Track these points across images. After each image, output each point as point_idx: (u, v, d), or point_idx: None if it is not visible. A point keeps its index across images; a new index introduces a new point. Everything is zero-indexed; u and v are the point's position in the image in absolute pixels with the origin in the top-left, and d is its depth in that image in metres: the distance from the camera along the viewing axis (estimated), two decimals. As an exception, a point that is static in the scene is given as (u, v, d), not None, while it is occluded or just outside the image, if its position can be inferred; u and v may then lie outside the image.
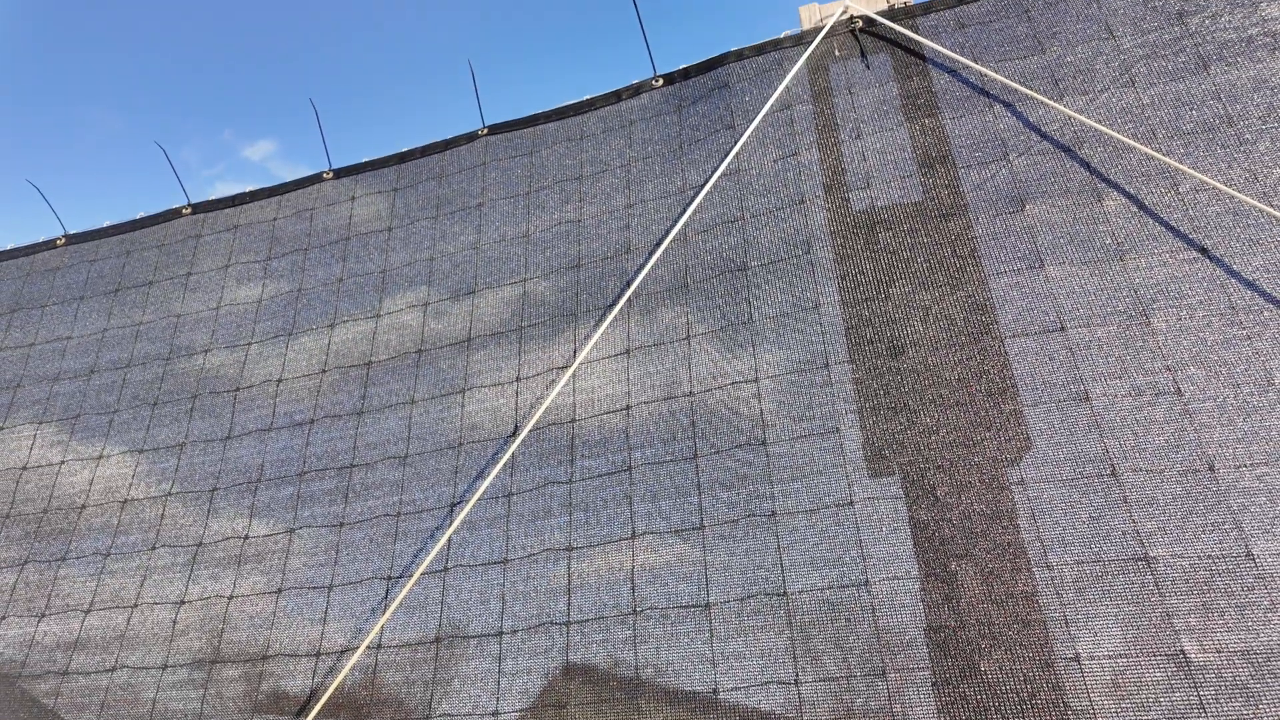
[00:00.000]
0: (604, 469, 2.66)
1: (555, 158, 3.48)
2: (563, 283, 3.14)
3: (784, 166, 3.03)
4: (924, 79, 3.04)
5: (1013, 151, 2.78)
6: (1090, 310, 2.44)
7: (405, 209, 3.60)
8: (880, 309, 2.62)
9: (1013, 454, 2.29)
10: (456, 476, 2.84)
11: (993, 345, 2.45)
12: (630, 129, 3.40)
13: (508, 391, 2.96)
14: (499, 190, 3.49)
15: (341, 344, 3.32)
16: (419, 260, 3.42)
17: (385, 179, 3.71)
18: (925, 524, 2.26)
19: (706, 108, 3.33)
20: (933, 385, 2.44)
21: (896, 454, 2.38)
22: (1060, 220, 2.61)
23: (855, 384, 2.51)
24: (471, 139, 3.68)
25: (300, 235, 3.72)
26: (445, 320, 3.24)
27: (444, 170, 3.64)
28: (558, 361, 2.94)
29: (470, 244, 3.40)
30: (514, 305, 3.16)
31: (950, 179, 2.79)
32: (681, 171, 3.20)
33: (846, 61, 3.18)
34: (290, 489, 3.01)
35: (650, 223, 3.13)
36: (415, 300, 3.32)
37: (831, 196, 2.90)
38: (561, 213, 3.32)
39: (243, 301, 3.61)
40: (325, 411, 3.16)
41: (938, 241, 2.69)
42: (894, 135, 2.95)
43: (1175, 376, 2.29)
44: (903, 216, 2.78)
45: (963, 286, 2.58)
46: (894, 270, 2.68)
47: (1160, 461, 2.19)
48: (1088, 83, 2.85)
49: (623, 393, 2.78)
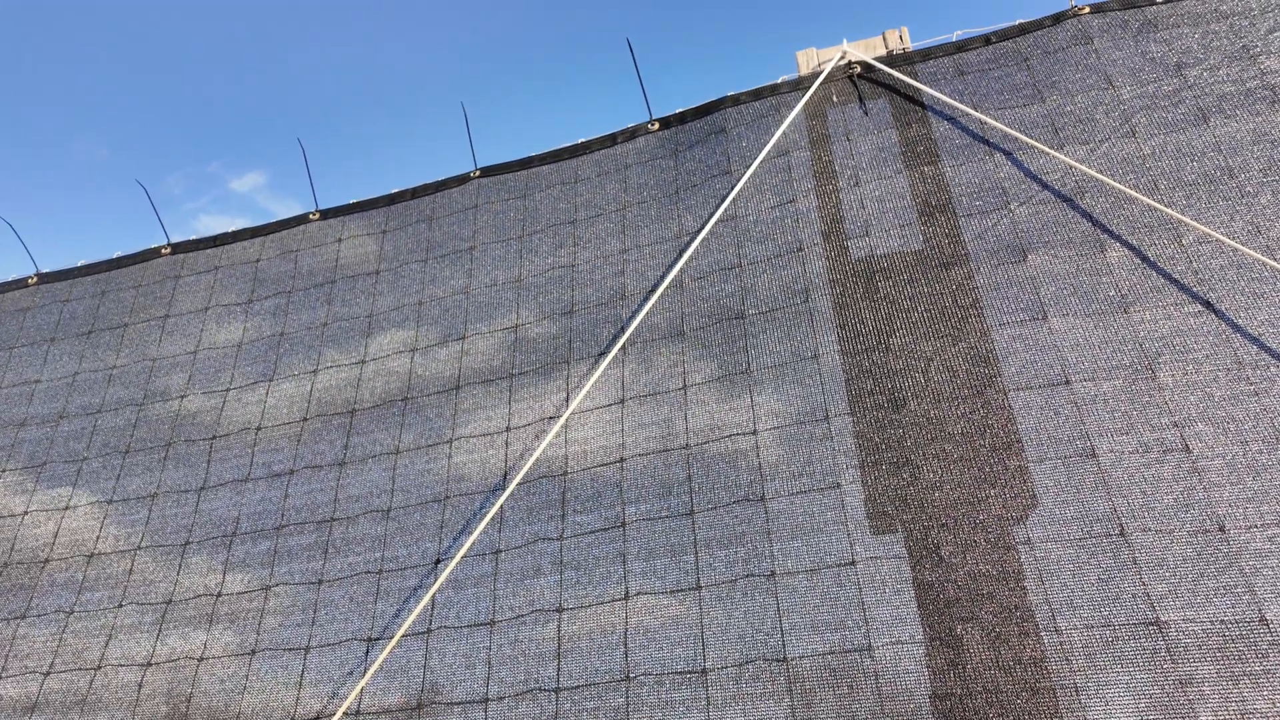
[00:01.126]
0: (596, 525, 2.64)
1: (549, 201, 3.52)
2: (555, 329, 3.16)
3: (781, 213, 3.08)
4: (923, 126, 3.11)
5: (1014, 200, 2.84)
6: (1095, 364, 2.47)
7: (394, 251, 3.62)
8: (881, 360, 2.64)
9: (1018, 512, 2.30)
10: (442, 532, 2.82)
11: (996, 399, 2.46)
12: (626, 173, 3.45)
13: (497, 441, 2.95)
14: (491, 233, 3.52)
15: (324, 390, 3.31)
16: (407, 304, 3.43)
17: (374, 220, 3.74)
18: (930, 585, 2.25)
19: (703, 152, 3.39)
20: (936, 439, 2.45)
21: (899, 511, 2.38)
22: (1063, 271, 2.66)
23: (856, 437, 2.52)
24: (463, 181, 3.71)
25: (284, 277, 3.72)
26: (433, 367, 3.24)
27: (434, 212, 3.67)
28: (549, 410, 2.95)
29: (460, 288, 3.42)
30: (505, 352, 3.17)
31: (951, 228, 2.84)
32: (678, 217, 3.25)
33: (845, 107, 3.26)
34: (267, 543, 2.98)
35: (645, 268, 3.17)
36: (402, 345, 3.32)
37: (830, 244, 2.94)
38: (555, 257, 3.35)
39: (222, 345, 3.60)
40: (305, 461, 3.14)
41: (939, 291, 2.73)
42: (893, 183, 3.01)
43: (1183, 433, 2.31)
44: (903, 265, 2.82)
45: (965, 338, 2.61)
46: (894, 320, 2.71)
47: (1170, 521, 2.20)
48: (1088, 132, 2.92)
49: (616, 444, 2.78)
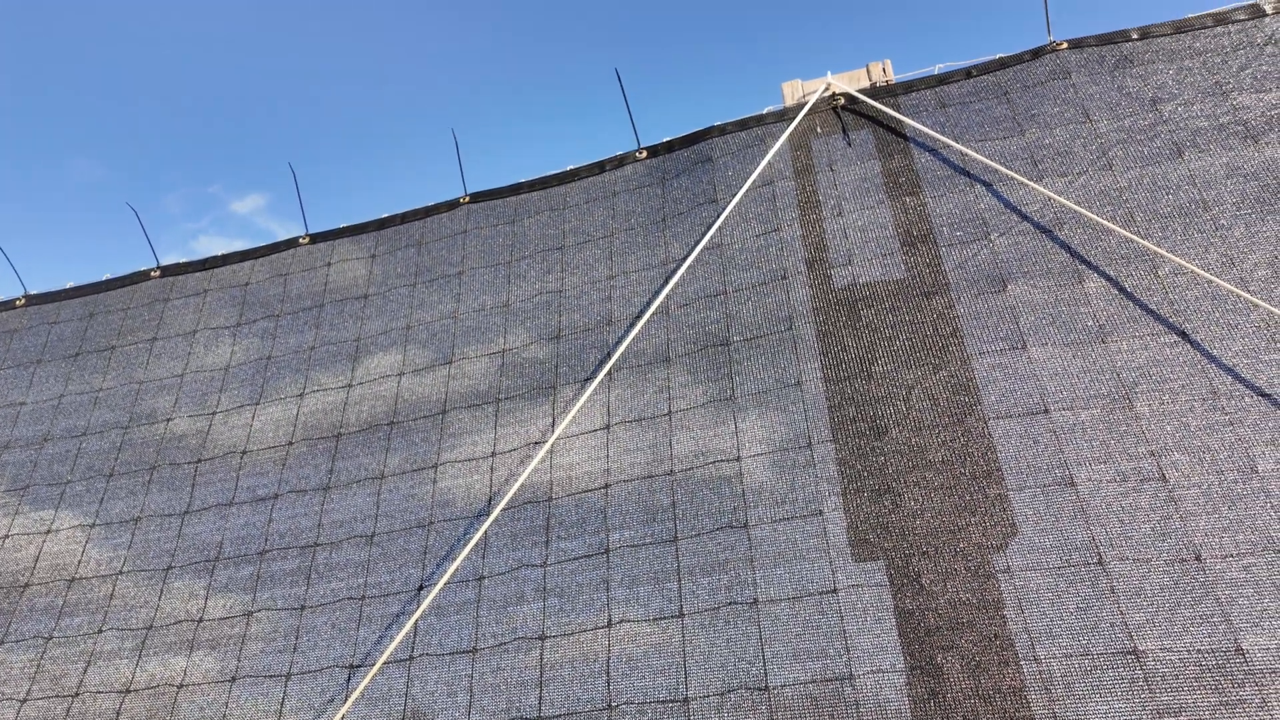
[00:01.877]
0: (580, 551, 2.70)
1: (537, 227, 3.61)
2: (542, 353, 3.23)
3: (766, 242, 3.18)
4: (905, 157, 3.23)
5: (994, 231, 2.95)
6: (1073, 393, 2.55)
7: (383, 275, 3.70)
8: (863, 387, 2.72)
9: (998, 540, 2.36)
10: (425, 557, 2.86)
11: (977, 427, 2.54)
12: (613, 200, 3.55)
13: (482, 466, 3.01)
14: (479, 259, 3.61)
15: (311, 414, 3.38)
16: (395, 328, 3.51)
17: (363, 244, 3.83)
18: (910, 613, 2.31)
19: (689, 181, 3.50)
20: (917, 467, 2.52)
21: (881, 539, 2.43)
22: (1042, 301, 2.75)
23: (839, 464, 2.59)
24: (453, 206, 3.82)
25: (273, 300, 3.80)
26: (420, 390, 3.31)
27: (424, 237, 3.76)
28: (535, 435, 3.02)
29: (448, 312, 3.49)
30: (491, 376, 3.24)
31: (932, 257, 2.94)
32: (664, 244, 3.34)
33: (829, 138, 3.37)
34: (250, 568, 3.02)
35: (632, 294, 3.25)
36: (390, 369, 3.40)
37: (814, 273, 3.04)
38: (542, 282, 3.44)
39: (209, 368, 3.66)
40: (290, 486, 3.20)
41: (920, 320, 2.82)
42: (876, 213, 3.11)
43: (1160, 462, 2.39)
44: (885, 294, 2.91)
45: (945, 366, 2.69)
46: (876, 348, 2.79)
47: (1147, 550, 2.27)
48: (1066, 165, 3.04)
49: (601, 470, 2.84)
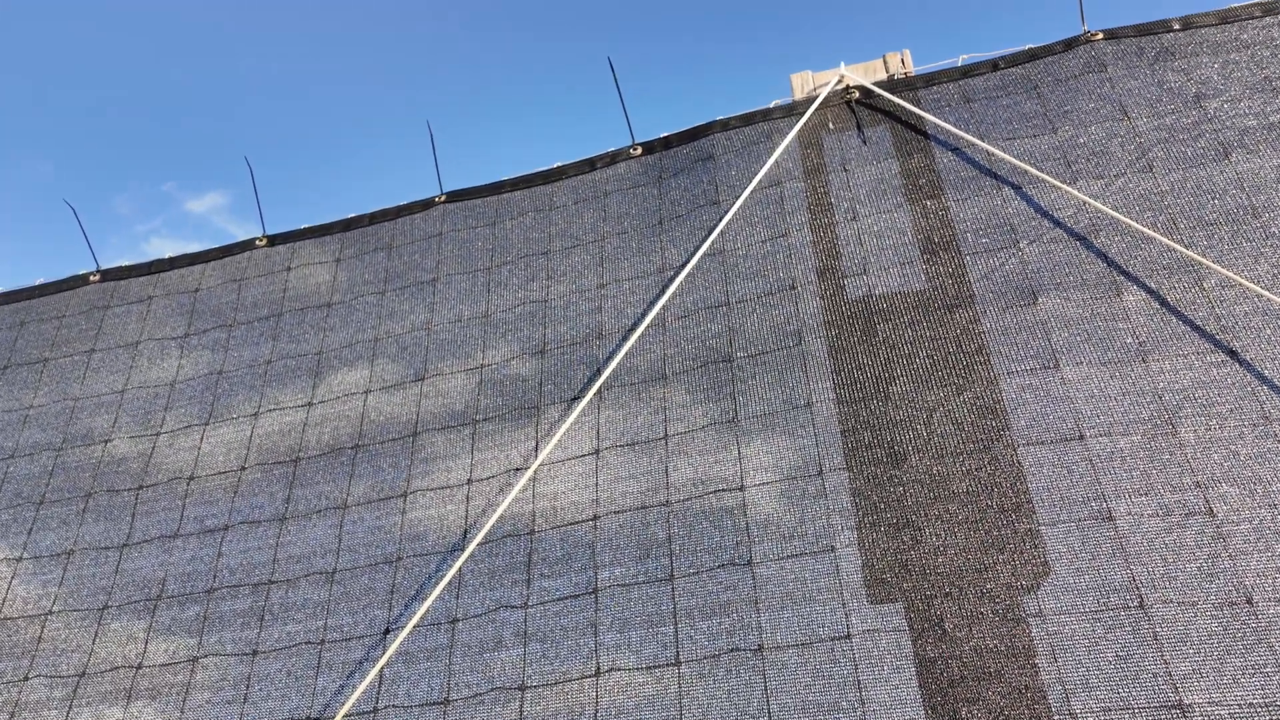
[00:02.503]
0: (566, 591, 2.61)
1: (520, 230, 3.51)
2: (525, 370, 3.14)
3: (773, 248, 3.10)
4: (926, 157, 3.14)
5: (1023, 239, 2.87)
6: (1111, 417, 2.47)
7: (348, 282, 3.60)
8: (879, 410, 2.64)
9: (1029, 580, 2.28)
10: (392, 597, 2.77)
11: (1005, 454, 2.46)
12: (605, 201, 3.46)
13: (457, 496, 2.92)
14: (456, 264, 3.51)
15: (266, 436, 3.27)
16: (361, 341, 3.41)
17: (327, 248, 3.72)
18: (932, 661, 2.22)
19: (689, 181, 3.41)
20: (939, 499, 2.44)
21: (899, 578, 2.35)
22: (1076, 315, 2.67)
23: (853, 495, 2.51)
24: (427, 206, 3.71)
25: (225, 309, 3.69)
26: (388, 410, 3.21)
27: (394, 240, 3.66)
28: (516, 461, 2.93)
29: (421, 324, 3.40)
30: (468, 395, 3.15)
31: (955, 267, 2.86)
32: (660, 250, 3.26)
33: (842, 135, 3.28)
34: (196, 608, 2.92)
35: (625, 305, 3.16)
36: (355, 386, 3.30)
37: (825, 282, 2.95)
38: (526, 291, 3.34)
39: (153, 383, 3.55)
40: (242, 516, 3.10)
41: (942, 336, 2.73)
42: (893, 217, 3.03)
43: (1206, 495, 2.31)
44: (903, 307, 2.83)
45: (970, 387, 2.61)
46: (894, 366, 2.71)
47: (1193, 593, 2.18)
48: (1103, 166, 2.95)
49: (590, 500, 2.75)
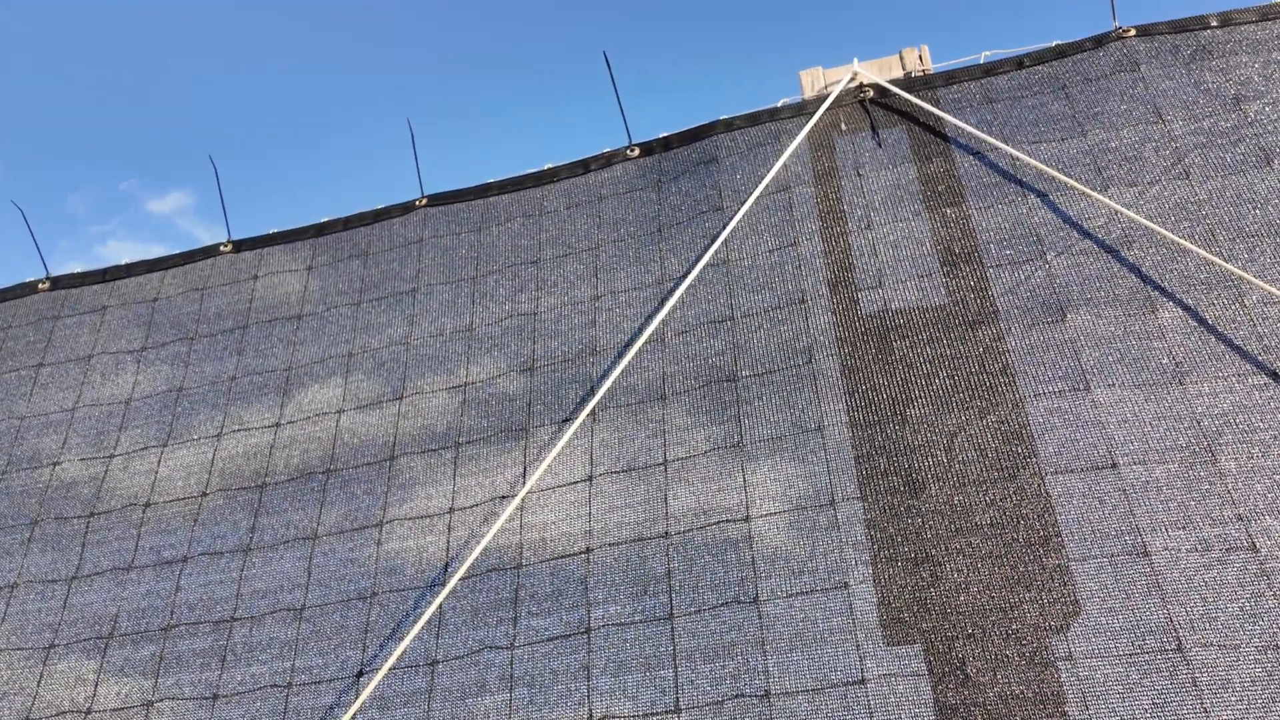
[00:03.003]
0: (556, 630, 2.56)
1: (508, 237, 3.47)
2: (512, 388, 3.10)
3: (781, 258, 3.06)
4: (946, 161, 3.10)
5: (1050, 250, 2.83)
6: (1146, 444, 2.44)
7: (321, 292, 3.55)
8: (896, 434, 2.60)
9: (1059, 620, 2.24)
10: (366, 637, 2.72)
11: (1032, 483, 2.43)
12: (600, 205, 3.42)
13: (437, 526, 2.87)
14: (438, 273, 3.47)
15: (229, 459, 3.22)
16: (334, 356, 3.36)
17: (298, 254, 3.66)
18: (953, 708, 2.18)
19: (690, 185, 3.36)
20: (961, 531, 2.40)
21: (918, 618, 2.31)
22: (1108, 333, 2.64)
23: (867, 527, 2.47)
24: (407, 210, 3.66)
25: (186, 320, 3.63)
26: (363, 432, 3.16)
27: (371, 246, 3.60)
28: (502, 488, 2.88)
29: (399, 338, 3.35)
30: (450, 415, 3.10)
31: (978, 280, 2.82)
32: (660, 259, 3.22)
33: (855, 137, 3.24)
34: (152, 647, 2.86)
35: (621, 319, 3.12)
36: (327, 405, 3.25)
37: (837, 296, 2.91)
38: (514, 303, 3.30)
39: (107, 401, 3.49)
40: (203, 547, 3.04)
41: (964, 354, 2.69)
42: (911, 226, 2.98)
43: (1249, 529, 2.27)
44: (922, 323, 2.79)
45: (994, 410, 2.57)
46: (912, 387, 2.67)
47: (1235, 635, 2.14)
48: (1136, 173, 2.91)
49: (582, 530, 2.71)
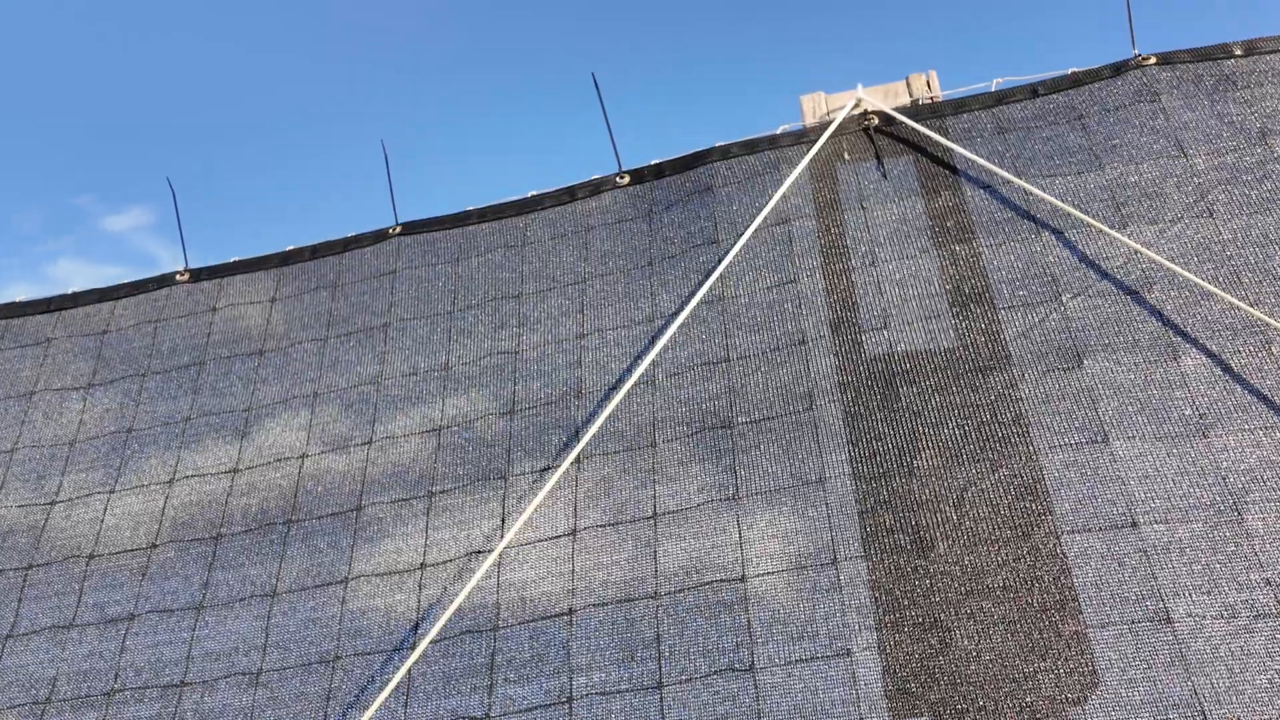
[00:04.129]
0: (535, 699, 2.57)
1: (488, 269, 3.53)
2: (490, 433, 3.13)
3: (780, 296, 3.13)
4: (955, 194, 3.19)
5: (1066, 291, 2.91)
6: (1169, 502, 2.50)
7: (285, 326, 3.59)
8: (903, 488, 2.65)
9: (1076, 692, 2.27)
10: (329, 704, 2.72)
11: (1047, 543, 2.47)
12: (586, 236, 3.50)
13: (407, 584, 2.89)
14: (412, 307, 3.52)
15: (182, 507, 3.23)
16: (298, 396, 3.40)
17: (261, 284, 3.70)
18: (964, 788, 2.18)
19: (683, 216, 3.44)
20: (971, 594, 2.44)
21: (926, 688, 2.34)
22: (1127, 382, 2.71)
23: (872, 589, 2.51)
24: (379, 238, 3.71)
25: (138, 354, 3.66)
26: (327, 480, 3.18)
27: (340, 277, 3.66)
28: (478, 542, 2.91)
29: (369, 377, 3.40)
30: (423, 462, 3.13)
31: (989, 322, 2.89)
32: (650, 295, 3.29)
33: (859, 167, 3.33)
34: (93, 714, 2.86)
35: (608, 359, 3.18)
36: (289, 450, 3.27)
37: (840, 337, 2.98)
38: (493, 340, 3.35)
39: (49, 442, 3.50)
40: (152, 604, 3.04)
41: (974, 402, 2.76)
42: (918, 263, 3.06)
43: (1277, 594, 2.32)
44: (930, 368, 2.86)
45: (1007, 463, 2.63)
46: (919, 437, 2.73)
47: (1263, 708, 2.18)
48: (1156, 210, 3.00)
49: (565, 590, 2.74)
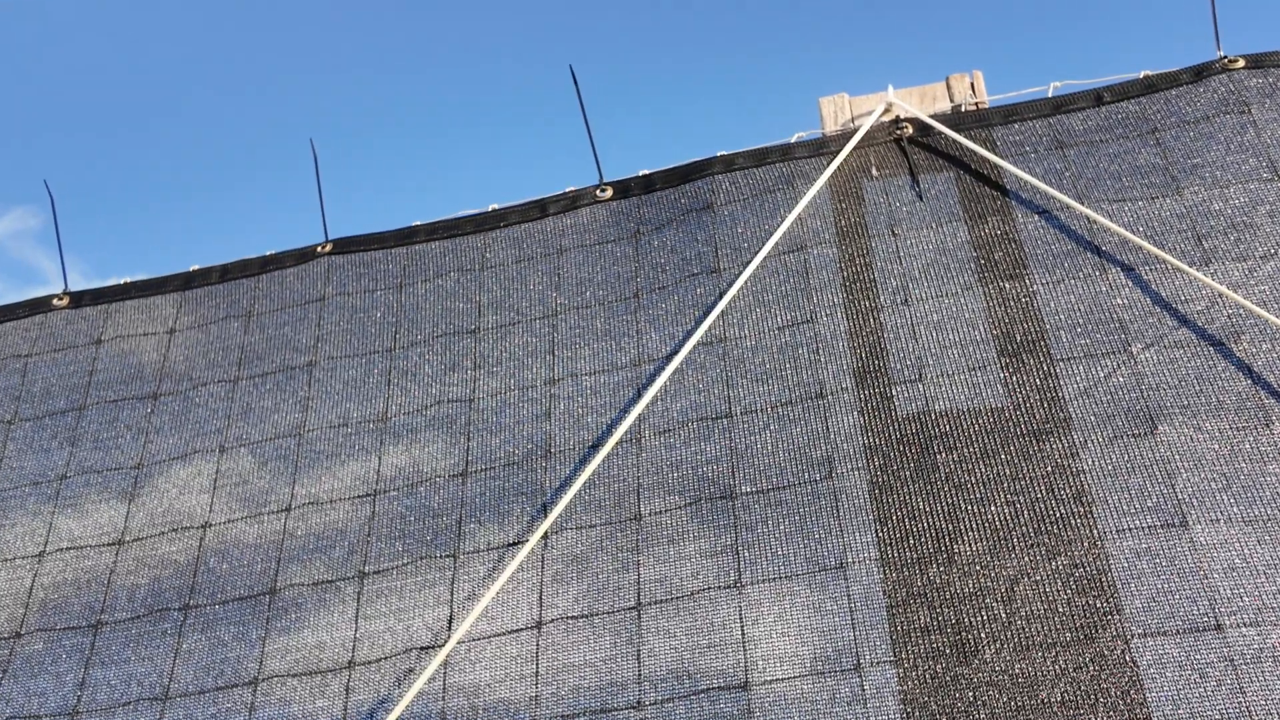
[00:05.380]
0: (488, 838, 2.40)
1: (437, 297, 3.44)
2: (438, 500, 3.04)
3: (794, 339, 3.04)
4: (1005, 221, 3.11)
5: (1137, 341, 2.82)
6: (1259, 600, 2.40)
7: (185, 363, 3.48)
8: (941, 578, 2.56)
9: None
10: (231, 844, 2.55)
11: (1114, 649, 2.38)
12: (559, 260, 3.40)
13: (332, 685, 2.78)
14: (343, 342, 3.42)
15: (54, 587, 3.13)
16: (201, 450, 3.30)
17: (157, 313, 3.59)
18: None
19: (678, 238, 3.36)
20: (1023, 710, 2.35)
21: None
22: (1210, 453, 2.61)
23: (903, 702, 2.42)
24: (305, 258, 3.60)
25: (3, 397, 3.57)
26: (235, 554, 3.08)
27: (255, 305, 3.55)
28: (421, 636, 2.81)
29: (290, 427, 3.30)
30: (354, 534, 3.03)
31: (1044, 376, 2.80)
32: (636, 334, 3.20)
33: (889, 184, 3.24)
34: None
35: (584, 411, 3.09)
36: (188, 517, 3.17)
37: (866, 391, 2.89)
38: (443, 386, 3.26)
39: (-112, 504, 3.31)
40: (15, 707, 2.92)
41: (1027, 474, 2.66)
42: (959, 303, 2.98)
43: None
44: (974, 431, 2.77)
45: (1066, 550, 2.53)
46: (961, 516, 2.64)
47: None
48: (1246, 245, 2.90)
49: (526, 698, 2.64)
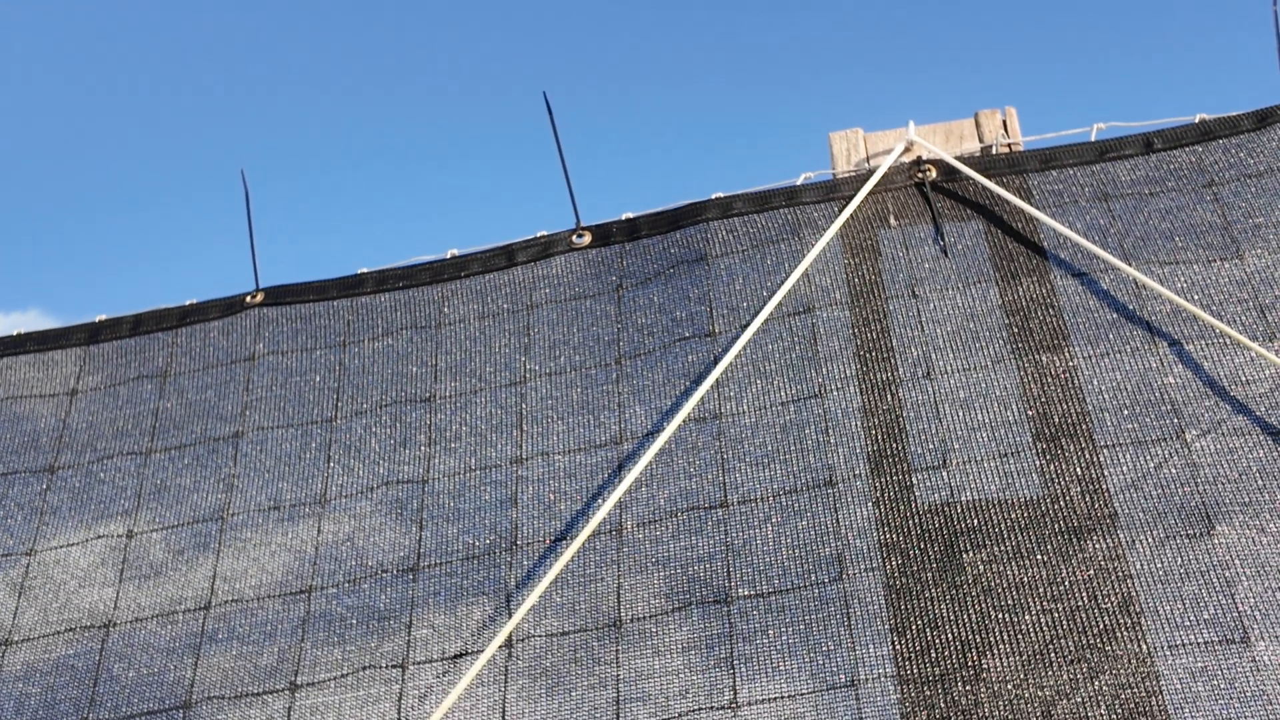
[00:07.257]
0: None
1: (387, 360, 3.46)
2: (384, 600, 3.04)
3: (799, 416, 3.08)
4: (1041, 282, 3.16)
5: (1191, 426, 2.86)
6: None
7: (88, 431, 3.49)
8: (967, 697, 2.58)
9: None
10: None
11: (1167, 783, 2.32)
12: (528, 319, 3.44)
13: None
14: (275, 410, 3.44)
15: None
16: (105, 536, 3.28)
17: (56, 371, 3.61)
18: None
19: (665, 295, 3.40)
20: None
21: None
22: (1276, 559, 2.65)
23: (922, 844, 2.34)
24: (232, 309, 3.62)
25: None
26: (144, 660, 3.05)
27: (173, 364, 3.56)
28: None
29: (210, 510, 3.30)
30: (284, 639, 3.02)
31: (1086, 465, 2.84)
32: (618, 407, 3.23)
33: (909, 233, 3.30)
34: None
35: (556, 497, 3.11)
36: (88, 616, 3.14)
37: (882, 478, 2.92)
38: (392, 463, 3.27)
39: None
40: None
41: (1067, 578, 2.70)
42: (990, 377, 3.02)
43: None
44: (1006, 527, 2.81)
45: (1112, 668, 2.57)
46: (990, 624, 2.67)
47: None
48: None
49: None
